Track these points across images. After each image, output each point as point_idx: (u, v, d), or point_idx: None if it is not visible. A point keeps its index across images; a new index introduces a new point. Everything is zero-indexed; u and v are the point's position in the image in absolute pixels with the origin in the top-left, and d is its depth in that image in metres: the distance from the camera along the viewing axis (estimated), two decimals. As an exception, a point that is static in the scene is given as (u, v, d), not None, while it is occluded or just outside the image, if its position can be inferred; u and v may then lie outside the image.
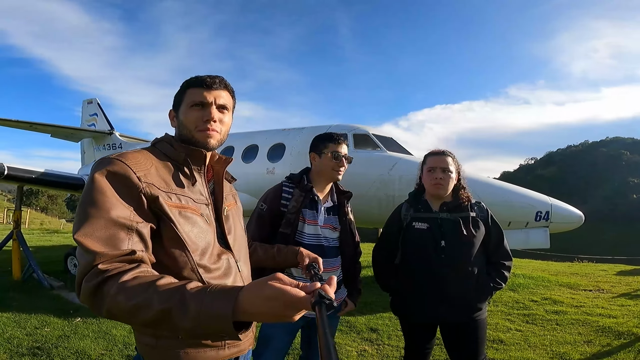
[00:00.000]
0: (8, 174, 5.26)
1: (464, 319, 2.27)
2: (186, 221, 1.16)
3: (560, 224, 5.95)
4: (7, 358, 3.28)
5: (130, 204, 1.05)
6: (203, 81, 1.26)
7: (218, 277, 1.20)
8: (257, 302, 0.82)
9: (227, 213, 1.36)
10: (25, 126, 12.79)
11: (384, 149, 6.91)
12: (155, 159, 1.20)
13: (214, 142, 1.26)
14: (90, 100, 14.94)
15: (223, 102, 1.28)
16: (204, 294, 0.85)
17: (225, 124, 1.30)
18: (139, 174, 1.09)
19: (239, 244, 1.37)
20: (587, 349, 3.77)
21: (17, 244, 6.15)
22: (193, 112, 1.25)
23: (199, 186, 1.26)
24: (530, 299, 5.85)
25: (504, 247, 2.39)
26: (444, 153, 2.37)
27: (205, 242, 1.20)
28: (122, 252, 0.96)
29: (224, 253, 1.26)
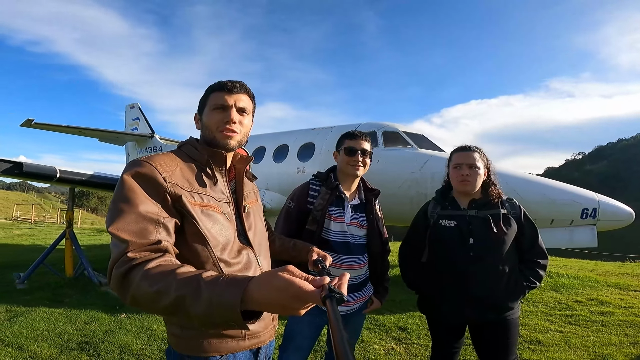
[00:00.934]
0: (60, 177, 5.69)
1: (492, 318, 2.20)
2: (208, 218, 1.24)
3: (608, 222, 5.58)
4: (57, 352, 3.44)
5: (157, 201, 1.14)
6: (224, 85, 1.35)
7: (238, 270, 1.27)
8: (265, 291, 0.84)
9: (248, 210, 1.43)
10: (75, 131, 13.72)
11: (414, 147, 6.78)
12: (181, 160, 1.28)
13: (233, 143, 1.34)
14: (132, 105, 15.78)
15: (243, 105, 1.36)
16: (217, 282, 0.88)
17: (244, 126, 1.38)
18: (164, 175, 1.18)
19: (259, 239, 1.43)
20: (632, 350, 3.53)
21: (70, 242, 6.56)
22: (215, 115, 1.33)
23: (221, 185, 1.34)
24: (574, 300, 5.53)
25: (538, 245, 2.28)
26: (470, 149, 2.29)
27: (226, 238, 1.27)
28: (150, 241, 1.05)
29: (244, 248, 1.33)
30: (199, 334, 1.22)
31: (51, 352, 3.37)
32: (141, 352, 3.43)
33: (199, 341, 1.22)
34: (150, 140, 14.12)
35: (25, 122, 11.78)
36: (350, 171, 2.20)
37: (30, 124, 11.86)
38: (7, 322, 4.10)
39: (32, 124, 11.85)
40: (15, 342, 3.56)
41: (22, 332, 3.80)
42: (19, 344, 3.51)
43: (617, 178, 58.69)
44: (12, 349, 3.41)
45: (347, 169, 2.21)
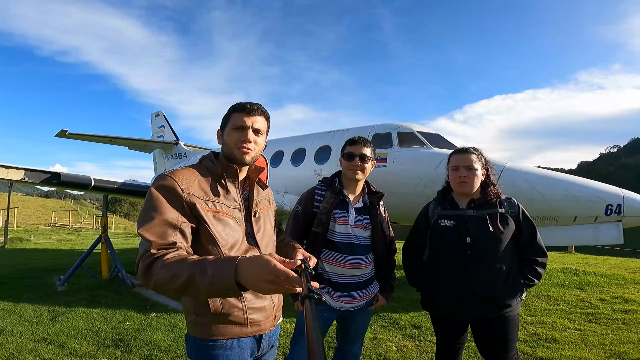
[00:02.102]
0: (94, 185, 6.13)
1: (491, 315, 2.28)
2: (218, 222, 1.47)
3: (635, 218, 5.42)
4: (94, 349, 3.70)
5: (176, 208, 1.39)
6: (244, 108, 1.57)
7: None
8: (251, 267, 1.08)
9: (259, 215, 1.65)
10: (106, 140, 14.42)
11: (430, 146, 6.80)
12: (199, 173, 1.53)
13: (248, 159, 1.57)
14: (157, 113, 16.38)
15: (258, 127, 1.58)
16: (217, 260, 1.16)
17: (259, 144, 1.60)
18: (182, 187, 1.43)
19: (267, 240, 1.65)
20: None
21: (105, 247, 7.01)
22: (234, 134, 1.56)
23: (233, 194, 1.56)
24: (598, 298, 5.45)
25: (537, 243, 2.34)
26: (467, 151, 2.37)
27: (234, 239, 1.50)
28: (168, 242, 1.30)
29: (251, 248, 1.55)
30: (210, 320, 1.45)
31: (89, 349, 3.67)
32: (169, 348, 3.69)
33: (210, 327, 1.46)
34: (175, 147, 14.65)
35: (59, 132, 12.50)
36: (351, 175, 2.34)
37: (64, 135, 12.57)
38: (49, 322, 4.48)
39: (66, 134, 12.56)
40: (57, 340, 3.90)
41: (63, 331, 4.14)
42: (60, 342, 3.83)
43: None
44: (54, 346, 3.73)
45: (348, 174, 2.36)
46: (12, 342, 3.80)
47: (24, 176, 5.59)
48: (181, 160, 14.09)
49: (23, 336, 3.97)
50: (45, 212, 34.88)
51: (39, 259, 10.19)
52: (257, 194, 1.68)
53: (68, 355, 3.52)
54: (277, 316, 1.65)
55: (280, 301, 1.66)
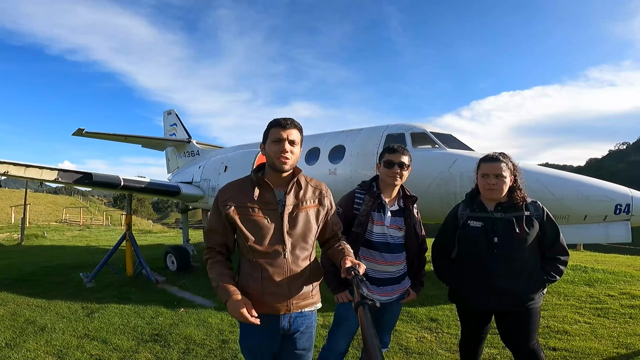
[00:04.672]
0: (124, 185, 6.40)
1: (514, 308, 2.50)
2: (247, 222, 1.88)
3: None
4: (135, 344, 3.90)
5: (219, 217, 1.93)
6: (280, 123, 1.91)
7: (266, 256, 1.87)
8: (229, 305, 1.76)
9: (296, 214, 1.93)
10: (121, 139, 14.71)
11: (443, 147, 6.95)
12: (241, 184, 1.98)
13: (287, 167, 1.90)
14: (169, 112, 16.61)
15: (293, 138, 1.91)
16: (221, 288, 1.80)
17: (295, 154, 1.93)
18: (221, 199, 1.93)
19: (297, 237, 1.92)
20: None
21: (130, 244, 7.31)
22: (273, 146, 1.90)
23: (268, 197, 1.92)
24: (606, 294, 5.63)
25: (559, 243, 2.54)
26: (497, 159, 2.54)
27: (260, 235, 1.87)
28: (213, 244, 1.95)
29: (277, 243, 1.87)
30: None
31: (130, 344, 3.92)
32: (203, 342, 3.95)
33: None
34: (187, 145, 14.87)
35: (76, 131, 12.79)
36: (389, 181, 2.56)
37: (81, 133, 12.85)
38: (87, 318, 4.75)
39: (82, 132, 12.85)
40: (98, 336, 4.15)
41: (102, 327, 4.40)
42: (102, 338, 4.09)
43: (665, 166, 55.25)
44: (98, 342, 3.98)
45: (386, 180, 2.57)
46: (58, 339, 4.04)
47: (57, 176, 5.86)
48: (194, 158, 14.32)
49: (66, 333, 4.23)
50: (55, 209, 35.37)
51: (59, 256, 10.52)
52: (295, 195, 1.95)
53: (112, 351, 3.77)
54: (292, 305, 1.92)
55: (298, 292, 1.93)
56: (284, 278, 1.87)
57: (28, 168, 5.79)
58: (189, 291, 6.13)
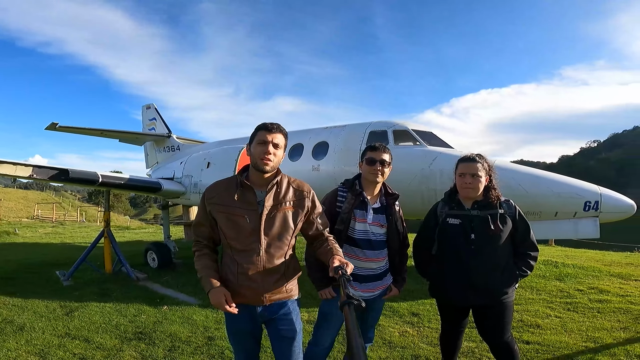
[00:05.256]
0: (102, 181, 6.24)
1: (490, 302, 2.66)
2: (227, 220, 2.01)
3: (610, 214, 5.84)
4: (119, 342, 3.86)
5: (204, 213, 2.08)
6: (266, 127, 2.03)
7: (243, 252, 2.00)
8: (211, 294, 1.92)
9: (274, 215, 2.03)
10: (98, 133, 14.32)
11: (423, 144, 7.10)
12: (226, 184, 2.10)
13: (268, 168, 2.01)
14: (148, 106, 16.23)
15: (277, 142, 2.02)
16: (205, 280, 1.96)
17: (277, 156, 2.04)
18: (207, 196, 2.08)
19: (274, 236, 2.03)
20: (621, 334, 3.92)
21: (108, 241, 7.15)
22: (258, 147, 2.01)
23: (249, 198, 2.02)
24: (575, 288, 5.89)
25: (530, 239, 2.71)
26: (473, 160, 2.70)
27: (238, 233, 2.00)
28: (200, 239, 2.11)
29: (254, 242, 1.99)
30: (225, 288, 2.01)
31: (114, 343, 3.88)
32: (188, 339, 3.94)
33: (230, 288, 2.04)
34: (167, 140, 14.60)
35: (50, 125, 12.35)
36: (371, 178, 2.63)
37: (54, 127, 12.41)
38: (66, 317, 4.65)
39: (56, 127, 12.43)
40: (80, 335, 4.08)
41: (83, 326, 4.33)
42: (84, 337, 4.02)
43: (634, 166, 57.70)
44: (80, 341, 3.92)
45: (368, 177, 2.64)
46: (38, 339, 3.96)
47: (32, 172, 5.67)
48: (174, 154, 14.08)
49: (46, 332, 4.14)
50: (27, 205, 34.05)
51: (33, 254, 10.19)
52: (275, 196, 2.04)
53: (96, 350, 3.72)
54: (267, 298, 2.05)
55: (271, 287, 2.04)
56: (258, 274, 2.00)
57: (1, 164, 5.58)
58: (171, 288, 6.08)
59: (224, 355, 3.55)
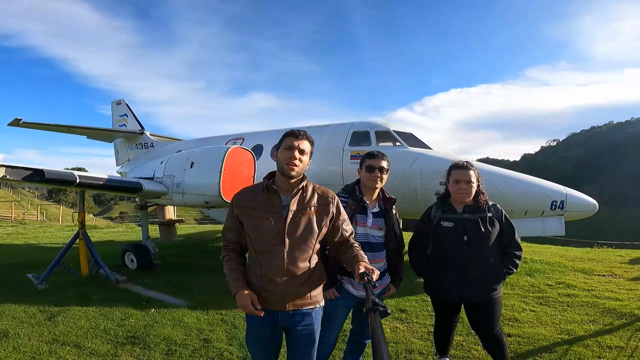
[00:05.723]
0: (80, 182, 5.99)
1: (483, 298, 2.91)
2: (252, 224, 2.07)
3: (574, 213, 6.29)
4: (112, 348, 3.76)
5: (232, 217, 2.15)
6: (293, 133, 2.09)
7: (267, 255, 2.04)
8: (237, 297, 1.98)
9: (299, 218, 2.07)
10: (64, 129, 13.71)
11: (404, 145, 7.32)
12: (255, 188, 2.17)
13: (294, 173, 2.06)
14: (119, 102, 15.67)
15: (303, 148, 2.09)
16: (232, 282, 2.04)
17: (303, 162, 2.09)
18: (234, 202, 2.15)
19: (297, 239, 2.06)
20: (591, 327, 4.25)
21: (84, 242, 6.87)
22: (284, 153, 2.07)
23: (273, 201, 2.08)
24: (545, 283, 6.25)
25: (515, 240, 2.99)
26: (467, 167, 2.95)
27: (262, 236, 2.05)
28: (228, 243, 2.18)
29: (277, 244, 2.03)
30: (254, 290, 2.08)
31: (107, 348, 3.79)
32: (184, 342, 3.92)
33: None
34: (140, 137, 14.18)
35: (13, 121, 11.71)
36: (371, 185, 2.79)
37: (18, 123, 11.79)
38: (49, 322, 4.48)
39: (20, 123, 11.80)
40: (69, 340, 3.95)
41: (70, 331, 4.20)
42: (74, 343, 3.90)
43: (590, 165, 61.46)
44: (71, 347, 3.80)
45: (368, 183, 2.79)
46: (26, 345, 3.82)
47: (5, 173, 5.39)
48: (148, 151, 13.70)
49: (32, 338, 3.99)
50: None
51: (0, 256, 9.65)
52: (300, 201, 2.09)
53: (89, 356, 3.63)
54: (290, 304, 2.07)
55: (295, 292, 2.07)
56: (281, 278, 2.02)
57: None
58: (155, 290, 5.96)
59: (223, 357, 3.57)
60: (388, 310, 1.58)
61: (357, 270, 1.94)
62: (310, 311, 2.14)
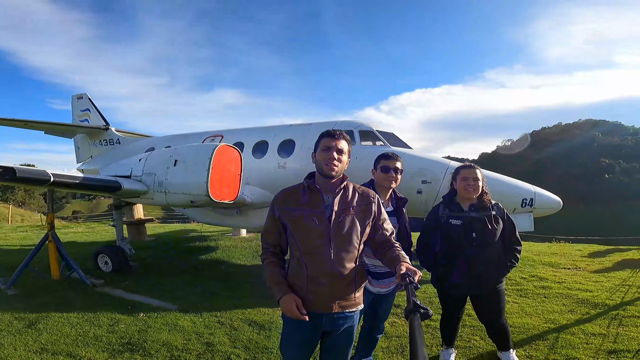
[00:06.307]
0: (54, 180, 5.57)
1: (489, 289, 3.14)
2: (296, 224, 2.07)
3: (542, 209, 6.68)
4: (108, 355, 3.60)
5: (273, 219, 2.14)
6: (330, 134, 2.12)
7: (312, 255, 2.03)
8: (282, 301, 1.98)
9: (342, 218, 2.06)
10: (20, 124, 12.76)
11: (387, 144, 7.47)
12: (293, 190, 2.16)
13: (334, 173, 2.07)
14: (80, 96, 14.80)
15: (341, 147, 2.10)
16: (276, 287, 2.03)
17: (342, 162, 2.11)
18: (275, 205, 2.15)
19: (342, 239, 2.04)
20: (571, 316, 4.57)
21: (53, 245, 6.44)
22: (323, 154, 2.09)
23: (316, 201, 2.08)
24: (520, 277, 6.61)
25: (515, 236, 3.24)
26: (473, 167, 3.21)
27: (307, 236, 2.04)
28: (267, 245, 2.16)
29: (323, 244, 2.01)
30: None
31: (104, 356, 3.59)
32: (185, 347, 3.78)
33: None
34: (105, 133, 13.47)
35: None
36: (386, 185, 2.91)
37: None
38: (30, 330, 4.19)
39: (-32, 116, 10.91)
40: (59, 349, 3.72)
41: (57, 339, 3.94)
42: (66, 351, 3.67)
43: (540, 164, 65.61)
44: (64, 356, 3.58)
45: (383, 183, 2.91)
46: (13, 356, 3.56)
47: (-30, 171, 4.93)
48: (114, 147, 13.04)
49: (18, 348, 3.72)
50: None
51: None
52: (343, 200, 2.09)
53: None
54: (336, 305, 2.03)
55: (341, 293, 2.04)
56: (327, 277, 1.99)
57: None
58: (138, 293, 5.69)
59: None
60: (430, 312, 1.50)
61: (398, 270, 1.90)
62: (353, 314, 2.13)
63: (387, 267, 2.20)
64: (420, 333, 1.34)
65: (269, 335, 4.00)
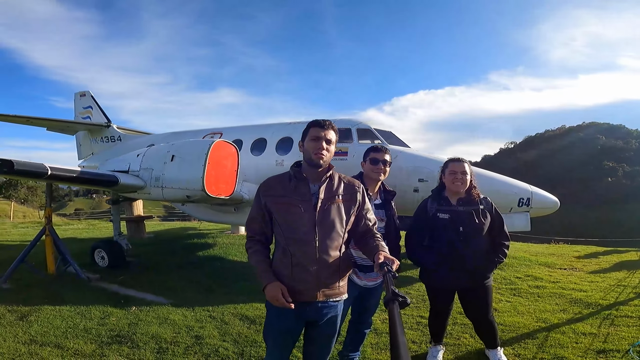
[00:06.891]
0: (51, 174, 5.61)
1: (477, 285, 3.11)
2: (283, 211, 2.07)
3: (539, 209, 6.69)
4: (97, 347, 3.60)
5: (259, 206, 2.14)
6: (319, 123, 2.10)
7: (297, 243, 2.03)
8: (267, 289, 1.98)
9: (327, 206, 2.07)
10: (23, 121, 12.88)
11: (385, 143, 7.46)
12: (280, 178, 2.17)
13: (322, 162, 2.08)
14: (82, 93, 14.91)
15: (329, 138, 2.10)
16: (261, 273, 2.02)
17: (330, 152, 2.11)
18: (261, 192, 2.15)
19: (327, 227, 2.05)
20: (563, 315, 4.55)
21: (50, 239, 6.46)
22: (311, 143, 2.08)
23: (302, 189, 2.09)
24: (515, 276, 6.60)
25: (504, 231, 3.21)
26: (462, 160, 3.17)
27: (293, 223, 2.05)
28: (252, 233, 2.15)
29: (309, 232, 2.02)
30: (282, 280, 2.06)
31: (92, 348, 3.61)
32: (174, 339, 3.80)
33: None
34: (106, 130, 13.57)
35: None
36: (375, 177, 2.91)
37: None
38: (21, 322, 4.21)
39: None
40: (48, 341, 3.73)
41: (47, 331, 3.96)
42: (54, 343, 3.69)
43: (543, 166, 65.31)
44: (52, 347, 3.60)
45: (372, 175, 2.91)
46: (2, 347, 3.58)
47: (-33, 164, 4.97)
48: (115, 144, 13.12)
49: (7, 339, 3.74)
50: None
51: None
52: (329, 189, 2.11)
53: (74, 356, 3.45)
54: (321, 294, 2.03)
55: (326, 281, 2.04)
56: (313, 265, 1.99)
57: None
58: (133, 288, 5.71)
59: (219, 353, 3.50)
60: (408, 300, 1.52)
61: (376, 260, 1.91)
62: (337, 303, 2.14)
63: (367, 256, 2.23)
64: (400, 321, 1.35)
65: (259, 329, 4.00)
